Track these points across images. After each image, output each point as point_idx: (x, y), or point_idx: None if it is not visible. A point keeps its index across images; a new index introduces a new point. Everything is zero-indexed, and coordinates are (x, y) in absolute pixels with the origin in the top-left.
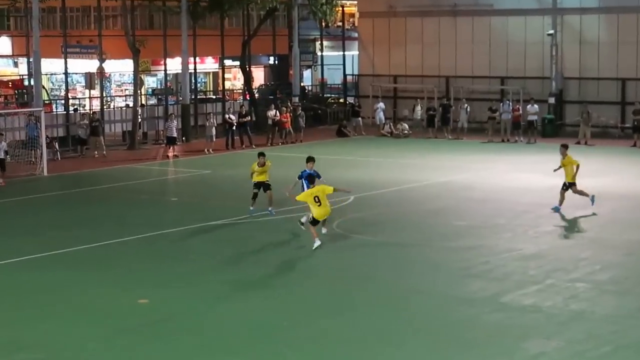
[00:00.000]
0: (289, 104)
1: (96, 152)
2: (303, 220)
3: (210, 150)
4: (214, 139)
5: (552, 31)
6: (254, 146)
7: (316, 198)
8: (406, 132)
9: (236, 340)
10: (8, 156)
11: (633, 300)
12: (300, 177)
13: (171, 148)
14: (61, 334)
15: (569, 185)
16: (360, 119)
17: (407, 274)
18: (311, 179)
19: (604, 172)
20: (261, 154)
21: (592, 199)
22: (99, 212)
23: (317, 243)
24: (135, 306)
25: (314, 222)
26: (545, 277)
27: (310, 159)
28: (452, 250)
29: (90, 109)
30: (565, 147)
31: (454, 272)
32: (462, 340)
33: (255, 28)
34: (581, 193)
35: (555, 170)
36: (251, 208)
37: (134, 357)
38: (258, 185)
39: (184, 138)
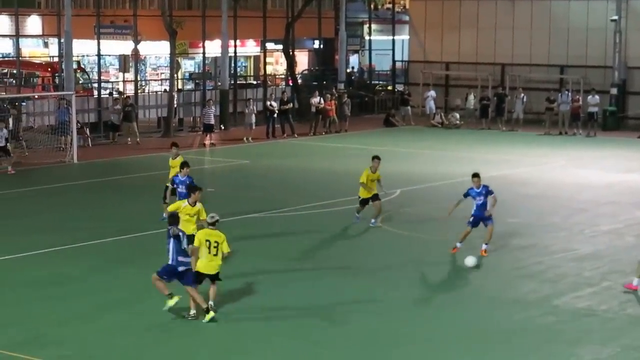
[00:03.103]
0: (333, 91)
1: (129, 139)
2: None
3: (250, 138)
4: (254, 127)
5: (616, 17)
6: (296, 135)
7: (208, 243)
8: (457, 122)
9: (273, 339)
10: (9, 144)
11: None
12: (466, 195)
13: (208, 136)
14: (89, 329)
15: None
16: (409, 108)
17: (456, 274)
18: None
19: None
20: (174, 144)
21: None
22: (130, 202)
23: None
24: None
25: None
26: (601, 279)
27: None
28: (504, 249)
29: (123, 93)
30: (379, 158)
31: (505, 272)
32: (512, 344)
33: (300, 9)
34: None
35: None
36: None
37: (164, 354)
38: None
39: (222, 125)
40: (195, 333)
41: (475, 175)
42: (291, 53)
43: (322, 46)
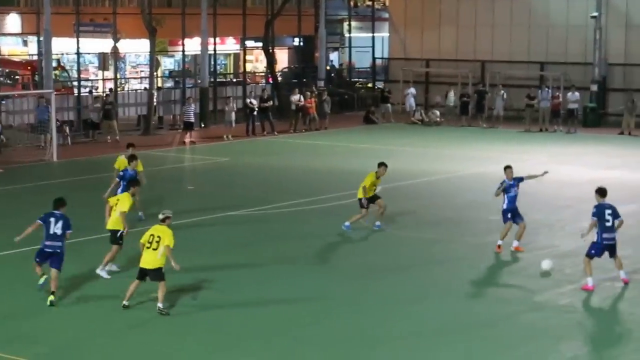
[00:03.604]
0: (313, 88)
1: (109, 137)
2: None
3: (230, 136)
4: (234, 125)
5: (596, 13)
6: (276, 133)
7: (151, 237)
8: (438, 119)
9: (255, 338)
10: (2, 135)
11: None
12: (505, 190)
13: (188, 134)
14: (69, 327)
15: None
16: (389, 105)
17: (438, 271)
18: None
19: None
20: (130, 145)
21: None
22: None
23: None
24: (148, 300)
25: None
26: (582, 276)
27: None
28: (485, 246)
29: (103, 92)
30: (385, 165)
31: (487, 269)
32: (494, 341)
33: (280, 7)
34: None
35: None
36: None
37: (145, 354)
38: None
39: (202, 123)
40: (176, 330)
41: (509, 167)
42: (271, 50)
43: (302, 44)
